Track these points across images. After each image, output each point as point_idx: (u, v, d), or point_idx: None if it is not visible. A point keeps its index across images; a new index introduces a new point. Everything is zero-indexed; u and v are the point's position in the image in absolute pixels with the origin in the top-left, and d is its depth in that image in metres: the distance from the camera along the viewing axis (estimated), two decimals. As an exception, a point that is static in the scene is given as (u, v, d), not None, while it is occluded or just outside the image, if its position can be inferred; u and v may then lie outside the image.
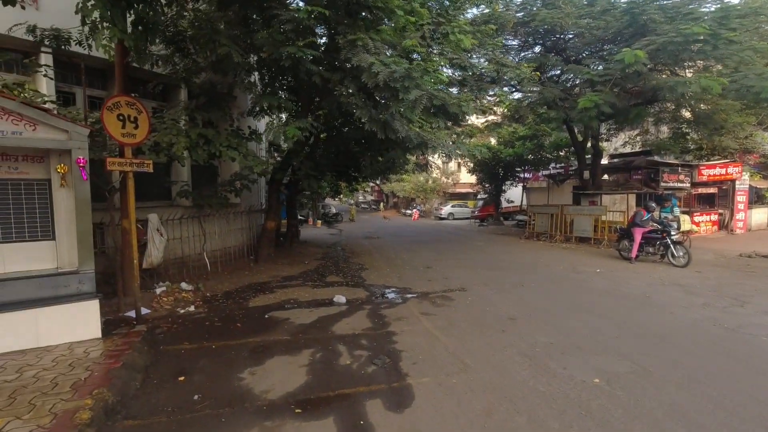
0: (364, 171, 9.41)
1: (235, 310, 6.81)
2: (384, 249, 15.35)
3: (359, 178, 16.44)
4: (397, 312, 6.63)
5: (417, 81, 5.65)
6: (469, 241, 17.76)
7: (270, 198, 10.62)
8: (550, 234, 17.18)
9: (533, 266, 10.84)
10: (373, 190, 64.82)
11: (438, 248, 15.21)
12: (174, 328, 5.81)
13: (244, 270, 10.20)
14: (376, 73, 5.49)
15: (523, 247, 15.24)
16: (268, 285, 8.80)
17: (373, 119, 6.33)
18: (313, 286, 8.69)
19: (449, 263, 11.56)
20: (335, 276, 9.93)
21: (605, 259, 11.84)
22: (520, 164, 25.73)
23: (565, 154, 23.77)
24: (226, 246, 10.38)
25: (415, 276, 9.74)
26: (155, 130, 6.38)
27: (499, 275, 9.62)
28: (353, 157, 13.04)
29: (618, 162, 18.38)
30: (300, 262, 11.96)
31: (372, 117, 6.31)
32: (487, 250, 14.68)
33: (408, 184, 40.89)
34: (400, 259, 12.66)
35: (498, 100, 15.71)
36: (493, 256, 12.89)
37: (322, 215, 34.54)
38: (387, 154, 8.66)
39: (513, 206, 33.08)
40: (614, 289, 8.00)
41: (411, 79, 5.60)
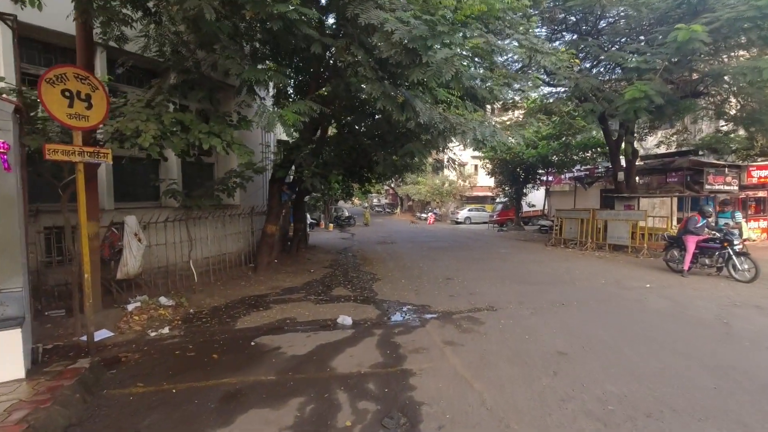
0: (377, 169, 8.17)
1: (218, 332, 5.62)
2: (399, 256, 14.08)
3: (372, 178, 15.22)
4: (414, 340, 5.36)
5: (444, 38, 4.40)
6: (490, 248, 16.36)
7: (271, 199, 9.47)
8: (580, 241, 15.68)
9: (570, 279, 9.43)
10: (387, 193, 63.68)
11: (458, 256, 13.87)
12: (134, 360, 4.64)
13: (240, 280, 9.05)
14: (390, 32, 4.27)
15: (552, 256, 13.78)
16: (264, 299, 7.62)
17: (388, 96, 5.09)
18: (316, 301, 7.47)
19: (472, 274, 10.22)
20: (343, 288, 8.70)
21: (651, 271, 10.35)
22: (543, 166, 24.16)
23: (592, 155, 22.18)
24: (222, 252, 9.26)
25: (434, 290, 8.45)
26: (120, 115, 5.26)
27: (532, 291, 8.25)
28: (365, 155, 11.84)
29: (655, 163, 16.81)
30: (305, 271, 10.77)
31: (386, 93, 5.07)
32: (512, 258, 13.28)
33: (423, 186, 39.56)
34: (416, 268, 11.36)
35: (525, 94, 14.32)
36: (521, 266, 11.50)
37: (334, 218, 33.48)
38: (404, 148, 7.43)
39: (534, 210, 31.49)
40: (679, 312, 6.57)
41: (436, 36, 4.35)
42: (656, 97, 8.85)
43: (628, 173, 15.72)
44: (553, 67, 7.34)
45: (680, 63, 9.69)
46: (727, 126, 17.66)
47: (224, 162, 9.72)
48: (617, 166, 15.64)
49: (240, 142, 5.76)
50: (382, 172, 8.25)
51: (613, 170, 15.87)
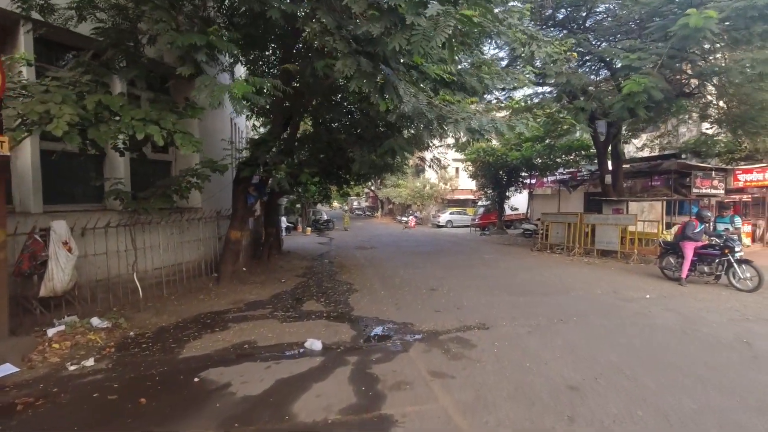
0: (353, 168, 7.27)
1: (156, 364, 4.61)
2: (379, 263, 13.18)
3: (350, 179, 14.31)
4: (395, 370, 4.46)
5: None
6: (475, 253, 15.63)
7: (235, 201, 8.45)
8: (567, 246, 15.10)
9: (563, 289, 8.71)
10: (368, 196, 62.79)
11: (442, 262, 13.06)
12: (34, 408, 3.60)
13: (199, 293, 8.00)
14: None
15: (540, 262, 13.12)
16: (223, 316, 6.60)
17: (364, 74, 4.19)
18: (282, 319, 6.51)
19: (458, 283, 9.41)
20: (315, 302, 7.75)
21: (646, 279, 9.74)
22: (526, 168, 23.69)
23: (575, 158, 21.80)
24: (178, 262, 8.18)
25: (417, 303, 7.58)
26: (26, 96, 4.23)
27: (525, 303, 7.48)
28: (342, 154, 10.93)
29: (642, 166, 16.43)
30: (275, 281, 9.77)
31: (362, 70, 4.18)
32: (499, 264, 12.55)
33: (404, 189, 38.82)
34: (397, 276, 10.49)
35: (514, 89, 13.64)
36: (509, 274, 10.75)
37: (312, 222, 32.37)
38: (383, 145, 6.57)
39: (516, 214, 31.10)
40: (691, 329, 5.87)
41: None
42: (655, 91, 8.24)
43: (615, 176, 15.25)
44: (549, 59, 6.62)
45: (675, 58, 9.11)
46: (712, 129, 17.46)
47: (184, 160, 8.66)
48: (604, 168, 15.16)
49: (185, 130, 4.77)
50: (358, 170, 7.35)
51: (601, 173, 15.38)
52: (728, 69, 8.56)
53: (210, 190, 9.38)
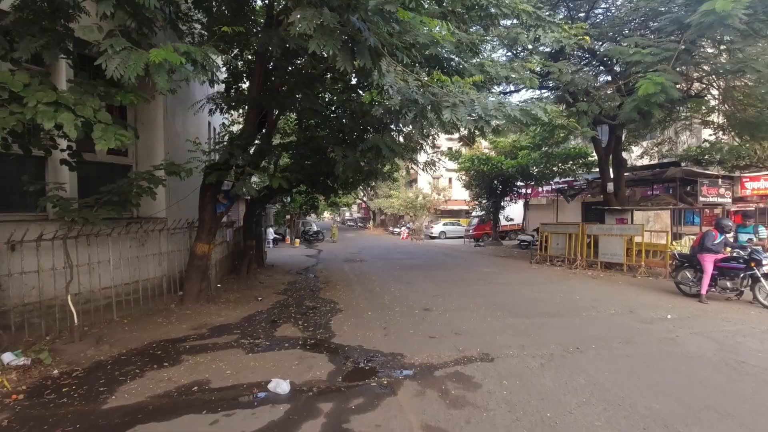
0: (336, 169, 6.30)
1: (69, 418, 3.56)
2: (368, 277, 12.18)
3: (337, 188, 13.37)
4: (379, 424, 3.47)
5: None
6: (471, 266, 14.69)
7: (202, 210, 7.44)
8: (568, 258, 14.23)
9: (573, 308, 7.78)
10: (360, 207, 61.89)
11: (436, 277, 12.09)
12: None
13: (158, 316, 6.94)
14: None
15: (541, 276, 12.21)
16: (178, 345, 5.56)
17: (327, 29, 3.21)
18: (249, 348, 5.48)
19: (454, 302, 8.44)
20: (292, 325, 6.73)
21: (661, 296, 8.85)
22: (522, 178, 22.92)
23: (571, 166, 21.07)
24: (137, 279, 7.13)
25: (408, 326, 6.60)
26: None
27: (533, 326, 6.52)
28: (328, 162, 10.03)
29: (646, 173, 15.68)
30: (251, 299, 8.74)
31: (325, 24, 3.21)
32: (497, 279, 11.60)
33: (396, 200, 37.93)
34: (387, 293, 9.50)
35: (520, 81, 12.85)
36: (510, 290, 9.81)
37: (301, 233, 31.31)
38: (366, 141, 5.63)
39: (511, 225, 30.28)
40: (733, 360, 4.94)
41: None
42: (673, 90, 7.43)
43: (617, 184, 14.47)
44: (557, 45, 5.80)
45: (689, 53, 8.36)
46: (715, 136, 16.84)
47: (147, 163, 7.65)
48: (606, 176, 14.37)
49: (109, 121, 3.77)
50: (341, 173, 6.38)
51: (602, 181, 14.59)
52: (746, 64, 7.80)
53: (179, 197, 8.38)
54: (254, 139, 7.10)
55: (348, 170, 6.30)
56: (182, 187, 8.36)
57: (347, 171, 6.31)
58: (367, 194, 49.87)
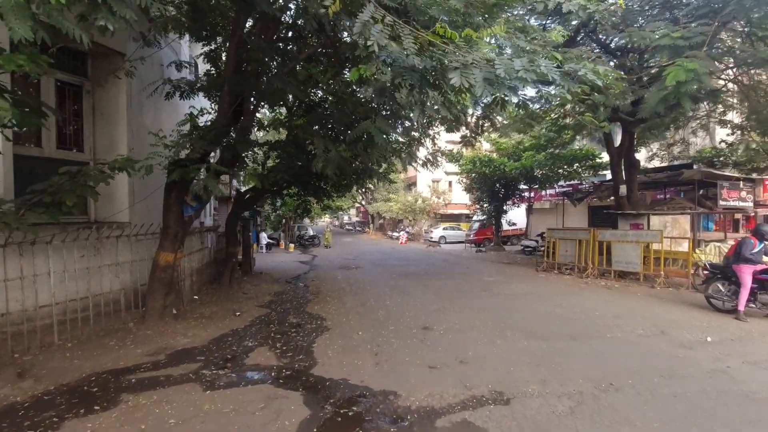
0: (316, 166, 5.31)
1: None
2: (362, 287, 11.17)
3: (328, 190, 12.41)
4: None
5: None
6: (473, 275, 13.68)
7: (166, 213, 6.44)
8: (578, 266, 13.24)
9: (595, 327, 6.78)
10: (359, 211, 60.94)
11: (436, 287, 11.08)
12: None
13: (111, 337, 5.93)
14: None
15: (550, 286, 11.20)
16: (122, 379, 4.55)
17: None
18: (208, 384, 4.47)
19: (458, 318, 7.43)
20: (268, 349, 5.73)
21: (691, 312, 7.86)
22: (526, 180, 21.94)
23: (577, 169, 20.09)
24: (91, 294, 6.12)
25: (405, 351, 5.59)
26: None
27: (551, 351, 5.52)
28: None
29: (659, 175, 14.69)
30: (228, 314, 7.74)
31: None
32: (503, 290, 10.60)
33: (395, 204, 36.96)
34: (382, 307, 8.49)
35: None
36: (520, 303, 8.81)
37: (297, 238, 30.32)
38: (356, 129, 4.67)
39: (513, 229, 29.30)
40: (812, 403, 3.95)
41: None
42: (706, 78, 6.46)
43: (630, 187, 13.49)
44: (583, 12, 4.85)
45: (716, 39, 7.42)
46: (733, 136, 15.92)
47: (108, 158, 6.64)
48: (619, 178, 13.40)
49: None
50: (322, 170, 5.36)
51: (614, 183, 13.62)
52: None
53: (148, 200, 7.38)
54: (227, 132, 6.13)
55: (329, 167, 5.30)
56: (151, 187, 7.37)
57: (328, 167, 5.31)
58: (365, 198, 48.96)
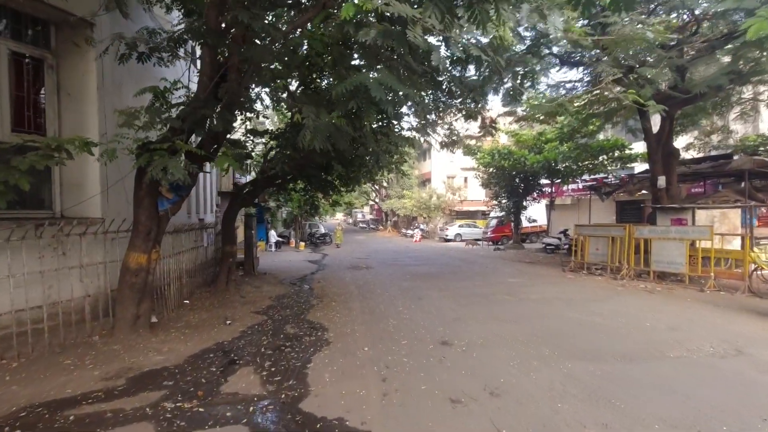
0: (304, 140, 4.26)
1: None
2: (371, 290, 10.11)
3: (335, 183, 11.38)
4: None
5: None
6: (494, 276, 12.51)
7: (137, 207, 5.46)
8: (610, 266, 11.97)
9: (650, 343, 5.59)
10: (372, 208, 60.01)
11: (454, 290, 9.95)
12: None
13: (69, 354, 4.99)
14: None
15: (582, 289, 9.98)
16: (57, 416, 3.57)
17: None
18: (165, 425, 3.46)
19: (482, 330, 6.32)
20: (254, 371, 4.71)
21: (758, 321, 6.60)
22: (548, 174, 20.57)
23: (603, 161, 18.64)
24: (48, 302, 5.19)
25: (419, 375, 4.51)
26: None
27: (606, 380, 4.37)
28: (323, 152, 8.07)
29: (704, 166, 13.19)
30: (217, 323, 6.78)
31: None
32: (530, 294, 9.42)
33: (409, 201, 35.80)
34: (393, 314, 7.43)
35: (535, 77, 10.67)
36: (550, 310, 7.65)
37: (308, 236, 29.44)
38: (349, 81, 3.54)
39: (533, 226, 27.90)
40: None
41: None
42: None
43: (669, 179, 12.14)
44: None
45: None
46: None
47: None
48: (657, 169, 12.04)
49: None
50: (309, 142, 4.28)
51: (652, 174, 12.27)
52: None
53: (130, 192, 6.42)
54: (207, 109, 5.10)
55: (317, 138, 4.22)
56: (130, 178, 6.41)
57: (316, 139, 4.23)
58: (379, 195, 47.88)
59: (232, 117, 5.70)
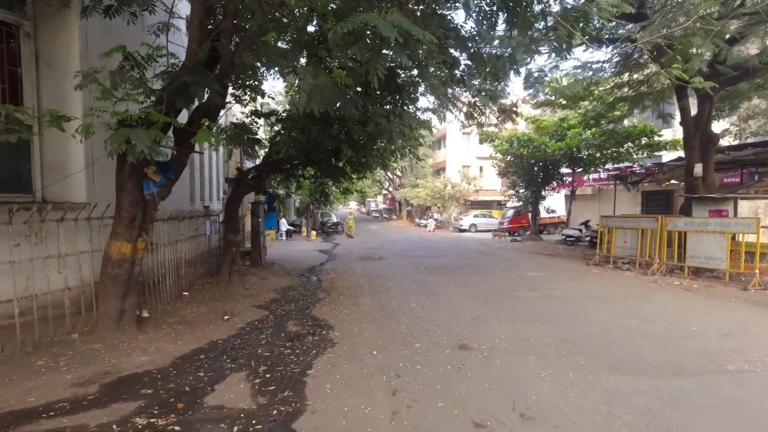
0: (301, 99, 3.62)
1: None
2: (383, 283, 9.49)
3: (345, 169, 10.72)
4: None
5: None
6: (513, 269, 11.76)
7: (119, 191, 4.89)
8: (639, 260, 11.13)
9: (703, 353, 4.85)
10: (386, 198, 59.31)
11: (471, 285, 9.26)
12: None
13: (42, 354, 4.47)
14: None
15: (611, 285, 9.20)
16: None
17: None
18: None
19: (505, 333, 5.63)
20: (246, 377, 4.13)
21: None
22: (570, 162, 19.56)
23: (628, 148, 17.54)
24: (27, 295, 4.68)
25: (436, 392, 3.87)
26: None
27: (658, 397, 3.67)
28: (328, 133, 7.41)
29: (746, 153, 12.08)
30: (214, 318, 6.25)
31: None
32: (553, 290, 8.69)
33: (423, 190, 34.99)
34: (405, 312, 6.79)
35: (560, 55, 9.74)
36: (579, 310, 6.92)
37: (319, 225, 28.94)
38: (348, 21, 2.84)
39: (551, 217, 26.88)
40: None
41: None
42: None
43: (706, 167, 11.18)
44: None
45: None
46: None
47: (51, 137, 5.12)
48: (694, 155, 11.08)
49: None
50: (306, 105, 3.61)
51: (688, 162, 11.32)
52: None
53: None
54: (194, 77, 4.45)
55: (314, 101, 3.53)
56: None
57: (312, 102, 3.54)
58: (392, 184, 47.09)
59: (224, 88, 5.04)
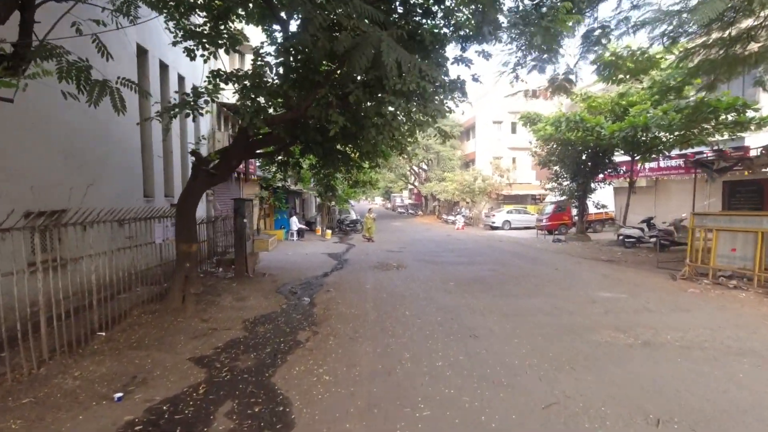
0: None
1: None
2: (396, 312, 6.73)
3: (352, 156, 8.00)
4: None
5: None
6: (575, 285, 8.74)
7: None
8: (758, 276, 7.95)
9: None
10: (411, 193, 56.54)
11: (525, 314, 6.37)
12: None
13: None
14: None
15: (745, 321, 6.14)
16: None
17: None
18: None
19: (594, 402, 2.80)
20: None
21: None
22: (630, 148, 16.16)
23: (707, 129, 14.06)
24: None
25: None
26: None
27: None
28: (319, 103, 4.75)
29: None
30: (96, 398, 3.65)
31: None
32: (657, 329, 5.70)
33: (451, 184, 31.94)
34: (425, 384, 4.01)
35: None
36: (725, 373, 3.97)
37: (336, 222, 26.44)
38: None
39: (597, 213, 23.34)
40: None
41: None
42: None
43: None
44: None
45: None
46: None
47: None
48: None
49: None
50: None
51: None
52: None
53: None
54: None
55: None
56: None
57: None
58: (417, 177, 44.14)
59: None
